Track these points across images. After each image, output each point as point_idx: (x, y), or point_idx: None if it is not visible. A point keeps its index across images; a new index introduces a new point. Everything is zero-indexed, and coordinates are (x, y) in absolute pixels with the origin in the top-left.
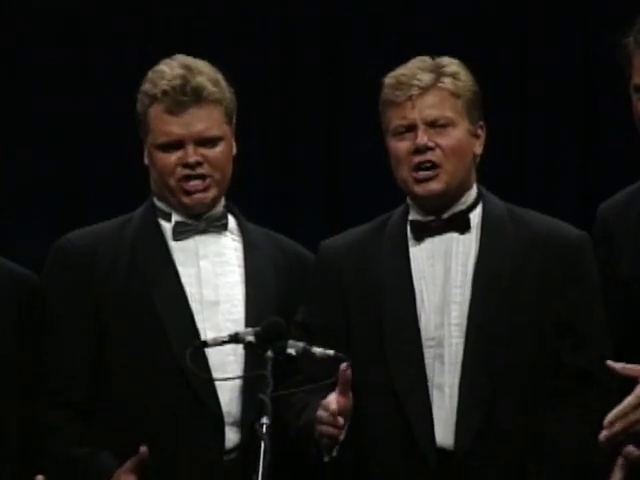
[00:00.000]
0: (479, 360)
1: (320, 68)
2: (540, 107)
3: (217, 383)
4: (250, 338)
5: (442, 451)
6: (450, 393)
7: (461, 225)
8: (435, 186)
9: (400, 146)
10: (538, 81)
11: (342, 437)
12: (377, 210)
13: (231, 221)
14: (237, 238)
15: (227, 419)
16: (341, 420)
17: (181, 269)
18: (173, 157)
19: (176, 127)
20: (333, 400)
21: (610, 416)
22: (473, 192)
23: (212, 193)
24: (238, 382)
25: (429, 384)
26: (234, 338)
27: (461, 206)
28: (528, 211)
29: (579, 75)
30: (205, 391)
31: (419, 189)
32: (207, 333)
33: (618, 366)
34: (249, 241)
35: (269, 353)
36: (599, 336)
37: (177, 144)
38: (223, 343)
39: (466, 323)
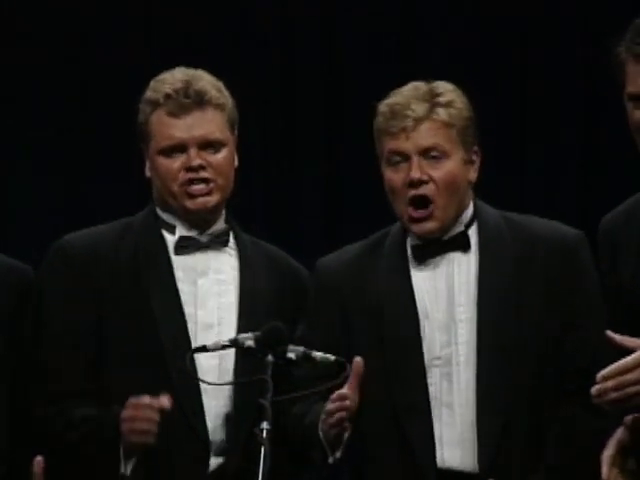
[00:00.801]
0: (494, 377)
1: (320, 68)
2: (540, 108)
3: (208, 411)
4: (250, 343)
5: (450, 472)
6: (462, 412)
7: (462, 245)
8: (430, 226)
9: (394, 178)
10: (538, 81)
11: (347, 435)
12: (377, 212)
13: (230, 236)
14: (234, 253)
15: (213, 447)
16: (349, 403)
17: (180, 285)
18: (176, 162)
19: (179, 130)
20: (342, 390)
21: (605, 371)
22: (469, 210)
23: (215, 198)
24: (227, 410)
25: (435, 403)
26: (234, 343)
27: (460, 227)
28: (523, 216)
29: (579, 75)
30: (195, 417)
31: (416, 228)
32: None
33: (617, 337)
34: (245, 259)
35: (269, 357)
36: (599, 336)
37: (180, 148)
38: (223, 347)
39: (476, 341)
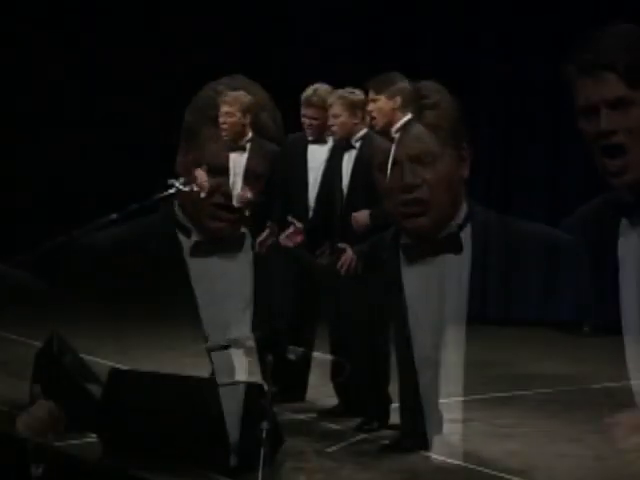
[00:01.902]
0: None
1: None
2: (540, 108)
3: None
4: (250, 343)
5: None
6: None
7: (454, 246)
8: (424, 221)
9: (387, 181)
10: (538, 81)
11: None
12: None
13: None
14: (248, 257)
15: (232, 445)
16: None
17: (195, 287)
18: None
19: None
20: None
21: None
22: (463, 210)
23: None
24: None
25: (425, 399)
26: (234, 343)
27: (453, 227)
28: (515, 217)
29: None
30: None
31: (408, 224)
32: None
33: None
34: (259, 261)
35: (269, 358)
36: None
37: None
38: (223, 348)
39: (464, 342)
